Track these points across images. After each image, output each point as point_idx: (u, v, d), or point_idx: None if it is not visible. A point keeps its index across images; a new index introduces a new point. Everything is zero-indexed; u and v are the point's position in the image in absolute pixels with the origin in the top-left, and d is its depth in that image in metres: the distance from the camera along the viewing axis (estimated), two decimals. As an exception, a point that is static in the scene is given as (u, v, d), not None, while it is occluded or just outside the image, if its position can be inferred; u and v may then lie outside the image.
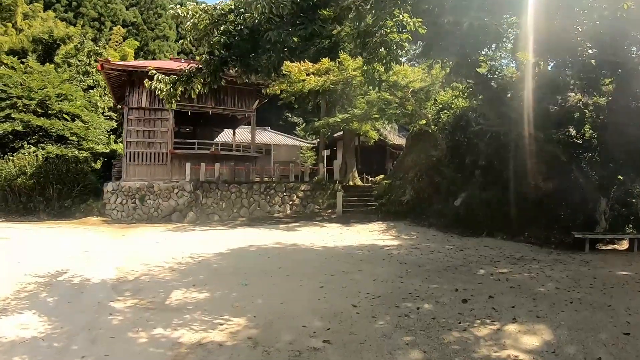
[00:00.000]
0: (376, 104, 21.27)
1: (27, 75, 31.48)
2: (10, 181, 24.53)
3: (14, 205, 24.66)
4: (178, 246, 14.13)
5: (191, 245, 14.15)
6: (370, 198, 22.86)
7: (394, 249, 12.95)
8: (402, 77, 19.13)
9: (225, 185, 23.17)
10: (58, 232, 18.51)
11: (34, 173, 24.66)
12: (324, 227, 18.30)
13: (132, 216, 23.19)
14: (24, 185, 24.47)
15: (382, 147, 33.60)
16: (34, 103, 29.76)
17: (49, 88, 30.52)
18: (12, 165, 24.98)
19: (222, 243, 14.47)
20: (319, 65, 18.90)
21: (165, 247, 14.16)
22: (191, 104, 25.25)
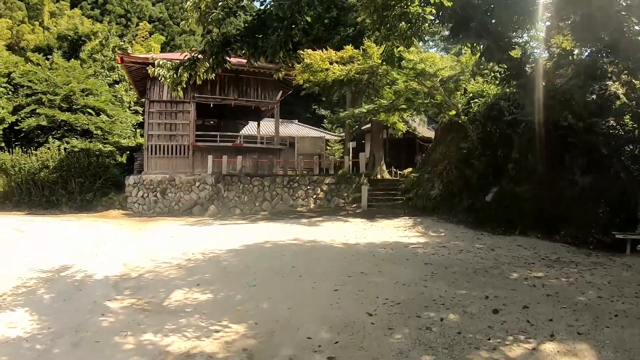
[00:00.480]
0: (404, 94, 20.27)
1: (52, 72, 31.77)
2: (33, 175, 24.82)
3: (37, 198, 24.91)
4: (192, 241, 13.63)
5: (205, 241, 13.62)
6: (397, 192, 21.91)
7: (419, 247, 12.02)
8: (430, 64, 18.12)
9: (248, 178, 22.57)
10: (76, 225, 18.36)
11: (56, 167, 24.85)
12: (348, 222, 17.45)
13: (153, 209, 22.88)
14: (46, 179, 24.73)
15: (411, 140, 32.54)
16: (58, 98, 29.99)
17: (74, 83, 30.70)
18: (35, 159, 25.24)
19: (237, 238, 13.87)
20: (343, 53, 18.03)
21: (178, 242, 13.68)
22: (213, 95, 24.84)
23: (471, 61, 18.59)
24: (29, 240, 14.16)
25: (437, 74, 18.46)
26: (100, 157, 26.57)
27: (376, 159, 28.33)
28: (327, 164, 24.68)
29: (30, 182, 24.88)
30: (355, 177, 23.22)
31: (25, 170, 24.82)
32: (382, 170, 28.40)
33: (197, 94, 24.52)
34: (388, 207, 20.20)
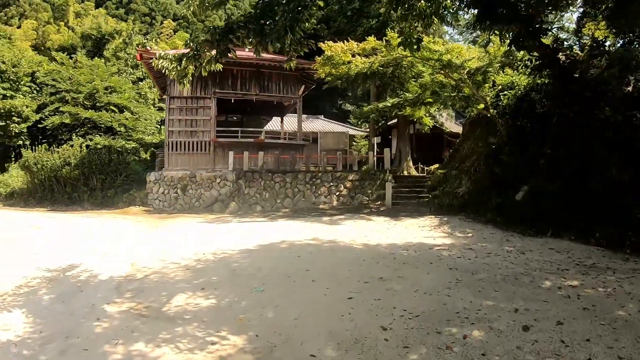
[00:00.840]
0: (430, 87, 19.49)
1: (75, 70, 32.06)
2: (55, 172, 25.08)
3: (59, 195, 25.27)
4: (206, 240, 13.23)
5: (220, 239, 13.21)
6: (423, 189, 21.09)
7: (444, 249, 11.26)
8: (457, 55, 17.24)
9: (269, 174, 22.10)
10: (94, 221, 18.33)
11: (77, 164, 25.05)
12: (370, 221, 16.77)
13: (174, 206, 22.69)
14: (68, 176, 24.98)
15: (438, 136, 31.62)
16: (81, 96, 30.35)
17: (97, 81, 31.02)
18: (57, 156, 25.46)
19: (254, 237, 13.41)
20: (365, 44, 17.30)
21: (192, 240, 13.29)
22: (234, 91, 24.43)
23: (499, 52, 17.68)
24: (44, 237, 14.17)
25: (464, 65, 17.57)
26: (121, 154, 26.54)
27: (402, 154, 27.59)
28: (350, 160, 23.96)
29: (53, 179, 25.26)
30: (380, 173, 22.49)
31: (47, 168, 25.11)
32: (409, 167, 27.61)
33: (218, 90, 24.15)
34: (413, 205, 19.43)
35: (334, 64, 18.22)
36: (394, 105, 20.64)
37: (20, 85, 33.29)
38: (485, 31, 10.65)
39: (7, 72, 32.31)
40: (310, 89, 27.46)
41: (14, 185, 27.50)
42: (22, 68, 33.66)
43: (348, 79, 20.41)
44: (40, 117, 31.26)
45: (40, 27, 53.47)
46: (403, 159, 27.82)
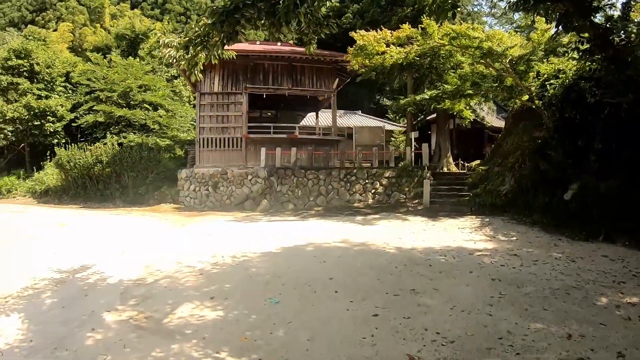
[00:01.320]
0: (469, 78, 18.27)
1: (109, 69, 32.28)
2: (88, 169, 25.27)
3: (92, 192, 25.51)
4: (229, 241, 12.64)
5: (243, 240, 12.58)
6: (463, 187, 19.84)
7: (486, 255, 10.21)
8: (497, 42, 15.97)
9: (302, 171, 21.31)
10: (121, 219, 18.25)
11: (109, 161, 25.07)
12: (406, 221, 15.76)
13: (205, 203, 22.27)
14: (100, 173, 25.16)
15: (479, 130, 30.15)
16: (115, 95, 30.51)
17: (130, 80, 31.03)
18: (90, 154, 25.66)
19: (279, 238, 12.72)
20: (399, 32, 16.25)
21: (214, 241, 12.76)
22: (266, 85, 23.78)
23: (544, 38, 16.31)
24: (66, 235, 14.08)
25: (506, 54, 16.25)
26: (152, 151, 26.32)
27: (442, 150, 26.40)
28: (387, 155, 22.90)
29: (86, 177, 25.54)
30: (418, 170, 21.33)
31: (80, 165, 25.32)
32: (449, 163, 26.38)
33: (249, 85, 23.55)
34: (453, 204, 18.24)
35: (367, 54, 17.22)
36: (432, 98, 19.48)
37: (54, 86, 33.81)
38: (530, 12, 9.53)
39: (41, 73, 32.85)
40: (345, 83, 26.55)
41: (48, 183, 27.91)
42: (55, 69, 34.14)
43: (383, 70, 19.43)
44: (75, 116, 31.63)
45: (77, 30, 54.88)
46: (443, 155, 26.61)
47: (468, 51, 16.49)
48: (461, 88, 18.42)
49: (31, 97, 31.01)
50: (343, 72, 24.18)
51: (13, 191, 29.51)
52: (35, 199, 27.72)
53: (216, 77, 23.75)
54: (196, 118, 24.26)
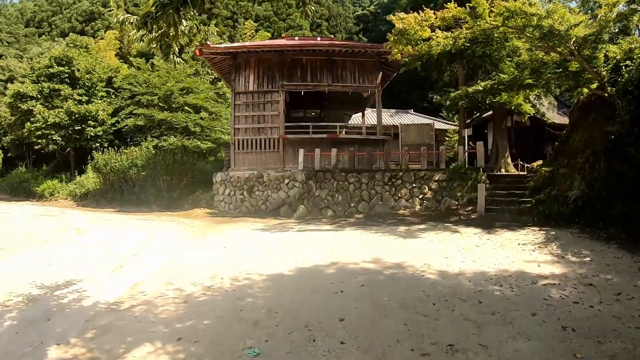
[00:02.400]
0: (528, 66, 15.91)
1: (150, 73, 32.15)
2: (124, 173, 25.16)
3: (128, 196, 25.28)
4: (241, 256, 11.35)
5: (257, 257, 11.18)
6: (524, 192, 17.37)
7: (553, 285, 8.07)
8: (559, 20, 13.49)
9: (343, 174, 19.52)
10: (146, 225, 17.73)
11: (143, 165, 24.64)
12: (456, 234, 13.64)
13: (239, 209, 21.17)
14: (136, 177, 24.95)
15: (539, 128, 27.34)
16: (156, 98, 30.07)
17: (171, 83, 30.45)
18: (125, 158, 25.76)
19: (300, 255, 11.13)
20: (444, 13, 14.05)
21: (225, 256, 11.44)
22: (304, 82, 22.16)
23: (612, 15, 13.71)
24: (77, 243, 13.65)
25: (570, 34, 13.72)
26: (186, 154, 25.46)
27: (500, 150, 23.96)
28: (437, 156, 20.61)
29: (122, 180, 25.49)
30: (472, 172, 18.97)
31: (116, 169, 25.35)
32: (507, 164, 23.88)
33: (286, 82, 22.01)
34: (511, 213, 15.89)
35: (409, 40, 15.09)
36: (486, 90, 17.17)
37: (95, 91, 34.28)
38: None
39: (82, 79, 33.21)
40: (392, 78, 24.56)
41: (88, 187, 28.46)
42: (96, 74, 34.73)
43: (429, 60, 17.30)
44: (116, 120, 31.51)
45: (126, 37, 55.82)
46: (500, 155, 24.13)
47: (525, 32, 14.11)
48: (519, 77, 16.06)
49: (72, 102, 31.18)
50: (387, 65, 22.20)
51: (55, 194, 30.20)
52: (75, 202, 28.23)
53: (251, 75, 22.35)
54: (231, 119, 22.94)
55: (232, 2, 70.77)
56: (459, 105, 20.08)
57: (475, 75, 20.75)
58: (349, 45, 21.79)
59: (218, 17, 68.36)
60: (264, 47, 22.30)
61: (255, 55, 22.34)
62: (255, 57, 22.38)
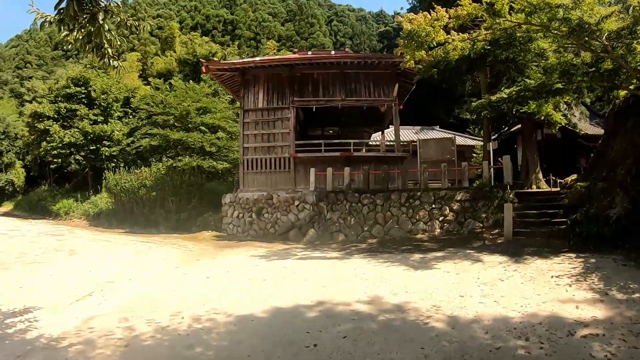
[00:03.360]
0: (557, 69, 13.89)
1: (169, 93, 31.36)
2: (134, 193, 24.22)
3: (139, 216, 24.19)
4: (221, 289, 9.96)
5: (238, 290, 9.78)
6: (558, 211, 15.12)
7: (595, 336, 6.11)
8: (588, 11, 11.43)
9: (356, 195, 17.69)
10: (142, 249, 16.60)
11: (152, 185, 23.81)
12: (478, 263, 11.58)
13: (248, 232, 19.67)
14: (146, 198, 23.92)
15: (570, 140, 24.93)
16: (172, 118, 28.89)
17: (187, 102, 29.37)
18: (135, 178, 24.78)
19: (286, 291, 9.56)
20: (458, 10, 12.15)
21: (204, 288, 10.09)
22: (316, 98, 20.57)
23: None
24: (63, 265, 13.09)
25: (601, 27, 11.63)
26: (194, 174, 24.17)
27: (530, 165, 21.78)
28: (460, 173, 18.49)
29: (133, 201, 24.56)
30: (498, 190, 16.83)
31: (126, 189, 24.48)
32: (538, 179, 21.62)
33: (297, 98, 20.47)
34: (543, 236, 13.69)
35: (420, 44, 13.19)
36: (511, 99, 15.14)
37: (111, 111, 33.86)
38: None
39: (97, 99, 32.55)
40: (410, 90, 22.63)
41: (101, 206, 27.82)
42: (111, 95, 34.19)
43: (447, 67, 15.42)
44: (131, 140, 30.67)
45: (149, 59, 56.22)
46: (531, 170, 21.92)
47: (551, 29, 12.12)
48: (547, 82, 14.05)
49: (87, 122, 30.73)
50: (405, 77, 20.39)
51: (70, 213, 29.75)
52: (88, 222, 27.70)
53: (260, 91, 20.92)
54: (240, 137, 21.47)
55: (255, 24, 70.85)
56: (482, 115, 18.05)
57: (499, 83, 18.67)
58: (361, 57, 20.19)
59: (241, 38, 68.36)
60: (272, 62, 20.91)
61: (264, 71, 20.93)
62: (264, 73, 20.95)
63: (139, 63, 55.69)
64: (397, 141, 20.75)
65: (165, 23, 74.78)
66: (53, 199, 32.82)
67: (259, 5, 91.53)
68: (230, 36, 69.74)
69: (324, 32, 66.73)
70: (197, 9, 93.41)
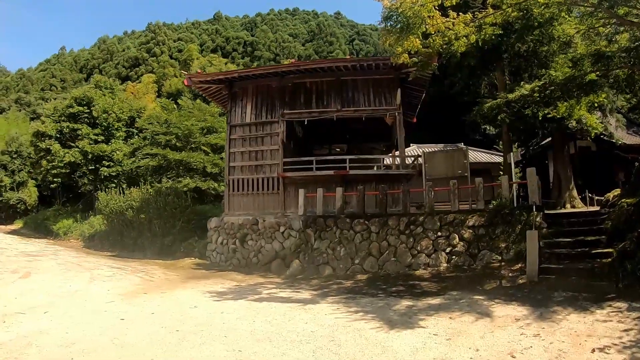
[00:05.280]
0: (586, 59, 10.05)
1: (170, 112, 28.73)
2: (119, 214, 21.85)
3: (128, 239, 21.50)
4: (115, 339, 7.26)
5: (129, 345, 6.95)
6: (599, 237, 10.93)
7: None
8: None
9: (348, 221, 13.95)
10: (104, 275, 14.14)
11: (139, 207, 21.07)
12: (483, 320, 7.71)
13: (230, 261, 16.34)
14: (135, 219, 21.17)
15: (607, 151, 20.96)
16: (173, 138, 25.93)
17: (190, 122, 26.64)
18: (123, 199, 22.25)
19: (186, 353, 6.46)
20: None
21: (102, 334, 7.58)
22: (308, 109, 17.11)
23: None
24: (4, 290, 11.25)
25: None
26: (179, 195, 21.27)
27: (562, 181, 18.01)
28: (474, 192, 14.29)
29: (122, 223, 21.97)
30: (521, 212, 12.67)
31: (114, 210, 22.11)
32: (573, 197, 17.59)
33: (287, 110, 17.10)
34: (581, 274, 9.57)
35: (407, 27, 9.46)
36: (534, 98, 11.27)
37: (113, 131, 31.90)
38: None
39: (98, 118, 30.52)
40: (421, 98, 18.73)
41: (97, 228, 25.49)
42: (112, 115, 32.19)
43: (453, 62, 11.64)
44: (133, 160, 28.21)
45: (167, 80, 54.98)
46: (564, 187, 17.98)
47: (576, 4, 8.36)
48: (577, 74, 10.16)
49: (87, 141, 28.62)
50: (410, 81, 16.66)
51: (69, 234, 27.67)
52: (83, 243, 25.48)
53: (248, 104, 17.69)
54: (226, 155, 18.13)
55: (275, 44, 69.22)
56: (499, 119, 14.02)
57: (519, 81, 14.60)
58: (358, 60, 16.56)
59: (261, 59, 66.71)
60: (261, 71, 17.58)
61: (253, 82, 17.65)
62: (253, 85, 17.67)
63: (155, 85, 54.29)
64: (402, 156, 16.86)
65: (185, 46, 74.03)
66: (55, 219, 30.90)
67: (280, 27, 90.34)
68: (250, 57, 68.19)
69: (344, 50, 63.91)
70: (218, 31, 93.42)
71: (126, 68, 79.62)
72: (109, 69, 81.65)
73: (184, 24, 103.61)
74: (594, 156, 21.24)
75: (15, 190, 40.94)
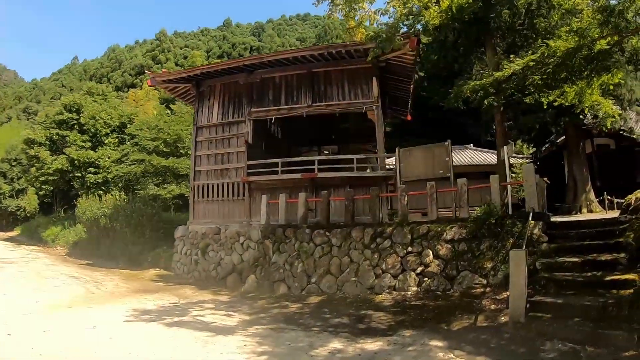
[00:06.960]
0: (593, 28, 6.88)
1: (159, 118, 26.95)
2: (94, 222, 20.13)
3: (104, 248, 19.67)
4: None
5: None
6: (616, 257, 7.53)
7: None
8: None
9: (307, 232, 10.93)
10: (57, 284, 12.66)
11: (110, 214, 19.24)
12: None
13: (192, 273, 13.86)
14: (110, 227, 19.31)
15: (627, 149, 17.42)
16: (160, 143, 23.94)
17: (179, 126, 24.54)
18: (98, 206, 20.41)
19: None
20: None
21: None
22: (276, 107, 14.20)
23: None
24: None
25: None
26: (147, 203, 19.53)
27: (578, 183, 15.33)
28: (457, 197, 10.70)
29: (98, 231, 20.16)
30: (514, 221, 9.32)
31: (90, 218, 20.43)
32: (590, 201, 14.50)
33: (254, 108, 14.32)
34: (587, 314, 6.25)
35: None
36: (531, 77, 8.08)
37: (101, 137, 29.90)
38: None
39: (86, 124, 29.27)
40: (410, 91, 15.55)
41: (80, 235, 23.33)
42: (100, 121, 30.12)
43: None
44: (120, 167, 26.05)
45: None
46: (580, 190, 15.00)
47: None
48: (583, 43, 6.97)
49: (74, 148, 27.38)
50: (391, 71, 13.57)
51: (57, 241, 25.63)
52: (67, 250, 23.46)
53: (215, 104, 15.10)
54: (192, 159, 15.44)
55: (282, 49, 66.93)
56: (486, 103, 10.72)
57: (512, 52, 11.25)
58: (328, 47, 13.45)
59: None
60: (225, 66, 14.78)
61: (221, 80, 14.99)
62: (221, 83, 15.03)
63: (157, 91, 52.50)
64: (381, 156, 13.71)
65: (191, 53, 71.98)
66: (46, 226, 29.06)
67: (288, 32, 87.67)
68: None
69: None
70: (225, 38, 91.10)
71: (132, 76, 77.73)
72: (116, 77, 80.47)
73: (193, 32, 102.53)
74: (613, 155, 17.73)
75: (15, 198, 39.54)
